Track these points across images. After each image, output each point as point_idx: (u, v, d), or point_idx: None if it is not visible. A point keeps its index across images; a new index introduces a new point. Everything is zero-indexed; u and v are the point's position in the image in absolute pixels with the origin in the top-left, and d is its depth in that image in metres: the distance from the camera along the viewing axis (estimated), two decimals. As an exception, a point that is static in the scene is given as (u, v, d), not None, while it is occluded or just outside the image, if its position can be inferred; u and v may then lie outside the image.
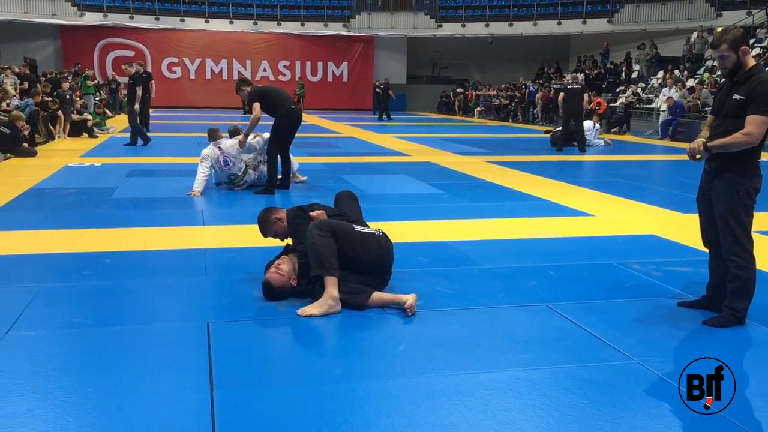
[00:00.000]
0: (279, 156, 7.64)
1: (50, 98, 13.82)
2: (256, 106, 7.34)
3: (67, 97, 14.64)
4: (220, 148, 7.50)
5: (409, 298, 3.63)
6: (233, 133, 8.02)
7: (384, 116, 24.29)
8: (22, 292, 3.82)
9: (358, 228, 3.94)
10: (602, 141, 14.54)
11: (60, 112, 13.69)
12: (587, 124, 13.85)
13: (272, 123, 7.55)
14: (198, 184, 7.34)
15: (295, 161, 8.28)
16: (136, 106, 12.61)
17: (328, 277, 3.59)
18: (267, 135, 7.67)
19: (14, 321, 3.36)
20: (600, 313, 3.65)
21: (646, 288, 4.15)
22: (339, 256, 3.69)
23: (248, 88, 7.64)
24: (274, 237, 4.24)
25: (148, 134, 14.11)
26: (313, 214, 4.07)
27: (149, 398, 2.60)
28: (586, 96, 13.53)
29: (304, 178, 8.30)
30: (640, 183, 9.12)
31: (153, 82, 15.51)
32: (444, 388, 2.73)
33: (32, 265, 4.47)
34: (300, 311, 3.53)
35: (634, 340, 3.26)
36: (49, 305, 3.64)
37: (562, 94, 13.51)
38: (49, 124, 13.26)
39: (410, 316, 3.56)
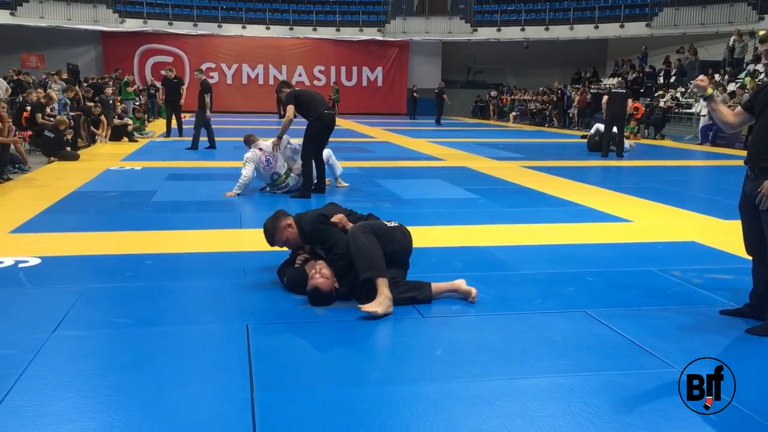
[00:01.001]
0: (314, 160, 7.69)
1: (93, 103, 14.12)
2: (290, 108, 7.46)
3: (110, 102, 14.96)
4: (261, 149, 7.60)
5: (463, 284, 3.92)
6: (248, 141, 8.03)
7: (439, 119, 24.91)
8: (67, 292, 3.92)
9: (386, 223, 4.10)
10: (627, 144, 14.30)
11: (103, 117, 13.99)
12: (600, 126, 13.69)
13: (305, 126, 7.62)
14: (238, 186, 7.46)
15: (339, 166, 8.34)
16: (208, 113, 12.98)
17: (380, 279, 3.66)
18: (294, 139, 7.79)
19: (60, 321, 3.45)
20: (640, 320, 3.61)
21: (687, 295, 4.09)
22: None
23: (288, 90, 7.76)
24: (284, 245, 4.14)
25: (179, 137, 14.51)
26: (335, 219, 4.06)
27: (191, 398, 2.65)
28: (630, 101, 13.36)
29: (346, 184, 8.34)
30: (680, 189, 8.98)
31: (184, 87, 15.72)
32: (482, 393, 2.72)
33: (76, 266, 4.58)
34: (364, 307, 3.56)
35: (675, 348, 3.21)
36: (93, 306, 3.73)
37: (606, 97, 13.36)
38: (92, 128, 13.55)
39: (473, 302, 3.84)
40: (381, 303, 3.60)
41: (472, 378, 2.87)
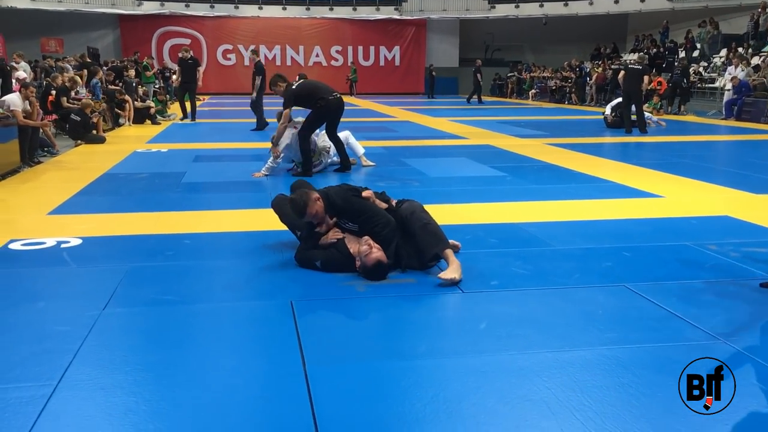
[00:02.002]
0: (331, 141, 7.79)
1: (116, 87, 14.21)
2: (287, 113, 7.48)
3: (133, 84, 15.04)
4: (295, 127, 7.63)
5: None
6: (279, 115, 8.06)
7: (474, 99, 24.49)
8: (112, 271, 4.00)
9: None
10: (654, 119, 14.18)
11: (128, 98, 14.09)
12: (613, 102, 13.57)
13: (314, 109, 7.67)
14: (266, 168, 7.52)
15: (360, 145, 8.37)
16: (253, 95, 13.16)
17: (448, 250, 3.92)
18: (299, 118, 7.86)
19: (109, 298, 3.53)
20: (680, 293, 3.62)
21: (725, 269, 4.09)
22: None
23: (284, 85, 7.62)
24: (312, 219, 4.07)
25: (189, 120, 14.56)
26: (366, 194, 4.19)
27: (245, 372, 2.71)
28: (646, 78, 13.21)
29: (372, 163, 8.34)
30: (707, 164, 8.91)
31: (200, 68, 15.64)
32: (530, 365, 2.76)
33: (118, 246, 4.66)
34: (443, 275, 3.73)
35: (718, 320, 3.22)
36: (139, 284, 3.80)
37: (622, 73, 13.23)
38: (117, 110, 13.66)
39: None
40: (457, 269, 3.78)
41: (519, 350, 2.90)
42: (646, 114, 13.97)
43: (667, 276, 3.94)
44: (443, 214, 5.44)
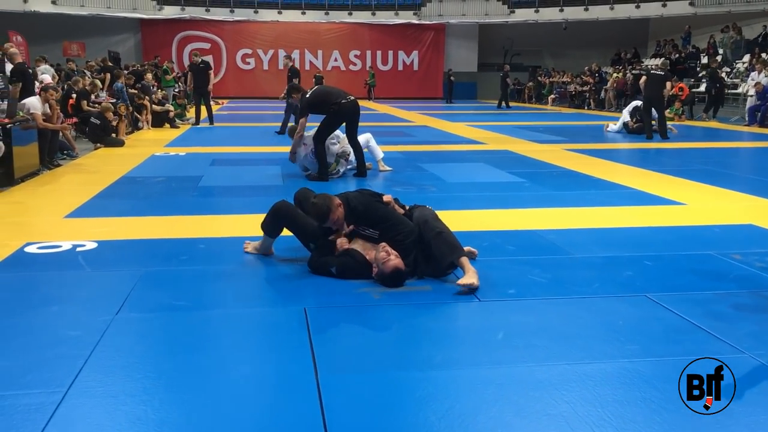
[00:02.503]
0: (350, 145, 7.77)
1: (135, 91, 14.29)
2: (303, 121, 7.53)
3: (150, 88, 15.12)
4: (305, 144, 7.62)
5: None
6: (292, 131, 8.04)
7: (503, 104, 24.51)
8: (126, 275, 3.98)
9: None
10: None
11: (146, 102, 14.17)
12: (631, 105, 13.39)
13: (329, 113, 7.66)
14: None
15: (380, 150, 8.32)
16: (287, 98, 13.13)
17: (463, 257, 3.85)
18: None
19: (122, 303, 3.50)
20: (704, 304, 3.52)
21: (750, 279, 3.98)
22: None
23: (299, 96, 7.74)
24: (332, 225, 4.00)
25: (207, 124, 14.62)
26: (387, 198, 4.18)
27: (256, 380, 2.67)
28: (668, 84, 13.05)
29: (389, 168, 8.29)
30: (731, 171, 8.76)
31: (211, 72, 15.65)
32: (548, 377, 2.69)
33: (133, 250, 4.65)
34: (462, 282, 3.69)
35: (744, 332, 3.13)
36: (153, 288, 3.78)
37: (644, 78, 13.10)
38: (135, 113, 13.74)
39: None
40: (474, 275, 3.73)
41: (537, 362, 2.83)
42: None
43: (689, 286, 3.84)
44: (460, 220, 5.39)
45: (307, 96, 7.66)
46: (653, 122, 12.78)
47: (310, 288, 3.83)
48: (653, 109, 12.70)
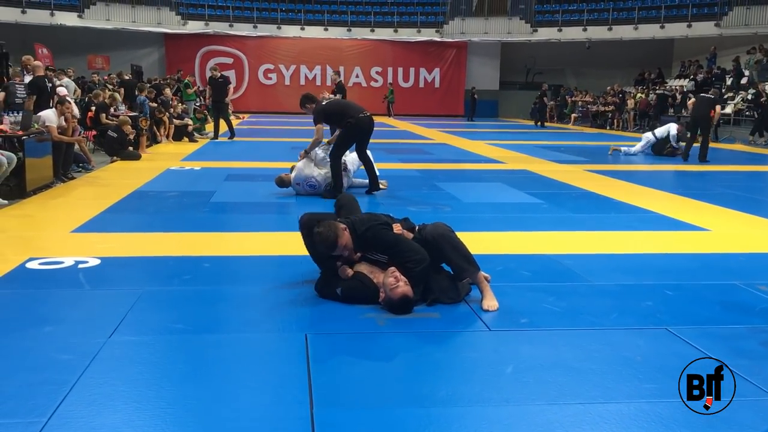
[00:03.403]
0: (361, 161, 7.69)
1: (156, 105, 14.33)
2: (320, 128, 7.43)
3: (169, 102, 15.17)
4: (298, 184, 7.51)
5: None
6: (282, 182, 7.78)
7: (539, 123, 24.91)
8: (125, 295, 3.86)
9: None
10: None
11: (165, 117, 14.20)
12: (672, 128, 13.09)
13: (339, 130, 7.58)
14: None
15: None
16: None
17: (479, 273, 3.85)
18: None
19: (117, 325, 3.37)
20: (728, 340, 3.31)
21: (778, 313, 3.76)
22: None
23: (313, 105, 7.62)
24: (342, 251, 3.80)
25: (228, 138, 14.60)
26: (397, 230, 3.95)
27: (249, 412, 2.51)
28: (718, 107, 12.99)
29: (385, 184, 8.10)
30: (758, 195, 8.49)
31: (231, 87, 15.78)
32: (559, 418, 2.50)
33: (135, 267, 4.53)
34: (486, 306, 3.73)
35: (771, 373, 2.92)
36: (151, 310, 3.65)
37: (692, 100, 13.04)
38: (154, 128, 13.76)
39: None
40: (493, 296, 3.79)
41: (548, 401, 2.65)
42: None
43: (713, 319, 3.64)
44: (474, 242, 5.16)
45: (323, 104, 7.63)
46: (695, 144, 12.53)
47: (314, 313, 3.68)
48: (698, 129, 12.46)
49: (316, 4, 31.90)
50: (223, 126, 15.25)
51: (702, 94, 13.19)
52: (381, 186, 7.95)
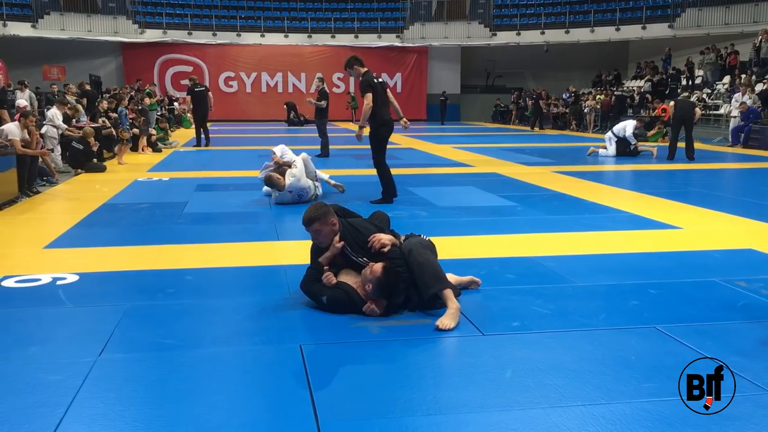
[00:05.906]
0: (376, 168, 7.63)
1: (116, 114, 14.09)
2: (369, 96, 7.22)
3: (124, 113, 14.96)
4: (290, 192, 7.43)
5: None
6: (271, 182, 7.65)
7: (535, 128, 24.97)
8: (109, 311, 3.77)
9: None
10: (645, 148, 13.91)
11: (128, 132, 13.98)
12: (628, 126, 13.26)
13: (370, 133, 7.54)
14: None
15: (323, 173, 8.30)
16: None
17: (447, 290, 3.64)
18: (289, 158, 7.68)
19: (105, 342, 3.29)
20: (716, 336, 3.38)
21: (760, 308, 3.85)
22: None
23: (363, 69, 7.36)
24: (315, 235, 3.86)
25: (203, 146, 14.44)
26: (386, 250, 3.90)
27: (254, 428, 2.47)
28: (698, 110, 13.48)
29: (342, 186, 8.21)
30: (721, 193, 8.72)
31: (211, 95, 15.70)
32: (564, 421, 2.52)
33: (116, 283, 4.43)
34: (439, 324, 3.47)
35: (762, 367, 2.99)
36: (138, 325, 3.57)
37: (673, 103, 13.40)
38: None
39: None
40: (454, 316, 3.54)
41: (551, 404, 2.66)
42: (645, 148, 13.76)
43: (699, 317, 3.71)
44: (455, 247, 5.25)
45: (369, 75, 7.37)
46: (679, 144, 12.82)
47: (306, 323, 3.64)
48: (683, 129, 12.77)
49: (276, 11, 31.74)
50: (191, 133, 15.16)
51: (680, 98, 13.63)
52: (339, 190, 8.11)
